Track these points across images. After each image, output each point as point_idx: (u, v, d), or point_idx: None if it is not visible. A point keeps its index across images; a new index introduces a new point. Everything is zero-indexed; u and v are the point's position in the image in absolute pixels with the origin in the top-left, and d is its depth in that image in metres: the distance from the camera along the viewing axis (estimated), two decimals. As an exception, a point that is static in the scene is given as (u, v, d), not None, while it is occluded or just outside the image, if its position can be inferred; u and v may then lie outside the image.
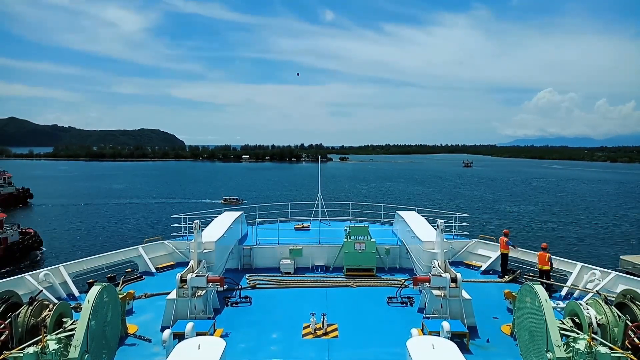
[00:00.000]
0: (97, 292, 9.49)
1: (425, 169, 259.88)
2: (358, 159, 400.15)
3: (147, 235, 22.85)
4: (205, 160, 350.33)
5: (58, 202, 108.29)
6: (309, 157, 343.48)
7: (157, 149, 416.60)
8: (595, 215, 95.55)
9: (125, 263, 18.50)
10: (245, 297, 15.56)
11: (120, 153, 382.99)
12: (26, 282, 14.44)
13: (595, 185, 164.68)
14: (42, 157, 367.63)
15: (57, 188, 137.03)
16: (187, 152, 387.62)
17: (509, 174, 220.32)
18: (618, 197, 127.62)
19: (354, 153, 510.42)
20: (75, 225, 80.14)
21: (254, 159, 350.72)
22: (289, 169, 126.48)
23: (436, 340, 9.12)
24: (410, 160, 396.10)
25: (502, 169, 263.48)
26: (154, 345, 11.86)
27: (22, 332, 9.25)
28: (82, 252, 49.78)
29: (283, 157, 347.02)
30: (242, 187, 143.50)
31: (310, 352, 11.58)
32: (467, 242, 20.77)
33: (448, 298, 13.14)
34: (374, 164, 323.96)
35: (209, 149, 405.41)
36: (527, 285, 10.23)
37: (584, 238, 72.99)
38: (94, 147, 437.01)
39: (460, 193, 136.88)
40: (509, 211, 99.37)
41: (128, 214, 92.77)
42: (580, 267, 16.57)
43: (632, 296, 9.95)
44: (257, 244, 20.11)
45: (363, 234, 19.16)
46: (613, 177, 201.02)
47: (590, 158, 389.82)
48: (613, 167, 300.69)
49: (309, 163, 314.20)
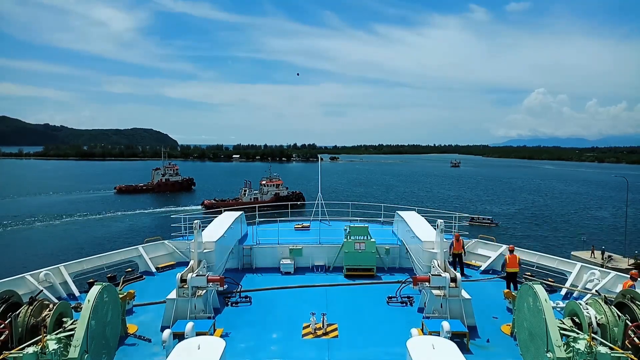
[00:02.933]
0: (97, 292, 9.46)
1: (409, 169, 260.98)
2: (348, 158, 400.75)
3: (147, 235, 22.96)
4: (196, 160, 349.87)
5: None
6: (299, 157, 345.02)
7: (148, 149, 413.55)
8: (557, 212, 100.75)
9: (126, 263, 18.46)
10: (245, 297, 15.55)
11: (110, 152, 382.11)
12: (26, 282, 14.41)
13: (569, 185, 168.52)
14: (31, 156, 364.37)
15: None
16: (177, 152, 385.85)
17: (492, 173, 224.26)
18: (587, 197, 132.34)
19: (347, 153, 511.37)
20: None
21: (244, 159, 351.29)
22: (274, 169, 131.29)
23: (436, 340, 9.11)
24: (401, 160, 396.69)
25: (488, 169, 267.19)
26: (154, 345, 11.85)
27: (22, 332, 9.19)
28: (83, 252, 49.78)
29: (274, 157, 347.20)
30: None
31: (310, 352, 11.59)
32: (466, 242, 20.70)
33: (448, 298, 13.15)
34: (362, 163, 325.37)
35: (200, 149, 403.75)
36: (526, 285, 10.23)
37: (541, 234, 77.06)
38: (84, 146, 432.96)
39: (438, 192, 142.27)
40: (482, 209, 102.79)
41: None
42: (579, 267, 16.62)
43: (632, 296, 9.91)
44: (257, 244, 20.09)
45: (363, 234, 19.17)
46: (594, 177, 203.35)
47: (579, 158, 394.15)
48: (600, 167, 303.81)
49: (299, 163, 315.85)
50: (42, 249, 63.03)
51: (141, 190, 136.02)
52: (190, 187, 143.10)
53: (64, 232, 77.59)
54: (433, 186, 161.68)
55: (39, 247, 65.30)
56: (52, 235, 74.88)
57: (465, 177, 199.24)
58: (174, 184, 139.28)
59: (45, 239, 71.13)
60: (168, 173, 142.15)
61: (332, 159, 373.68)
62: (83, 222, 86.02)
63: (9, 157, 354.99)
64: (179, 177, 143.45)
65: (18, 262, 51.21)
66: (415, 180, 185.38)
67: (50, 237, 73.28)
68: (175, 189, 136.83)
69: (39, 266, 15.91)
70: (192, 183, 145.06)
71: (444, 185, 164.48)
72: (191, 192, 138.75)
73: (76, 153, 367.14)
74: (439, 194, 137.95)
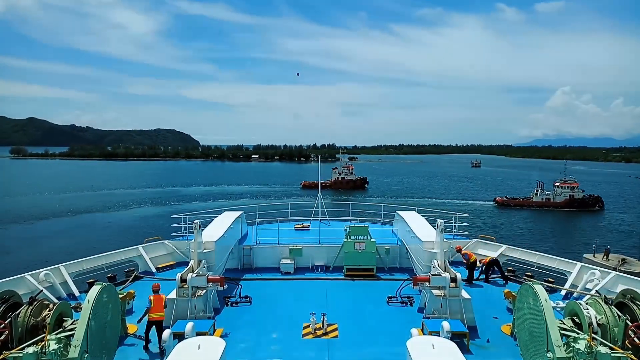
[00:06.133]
0: (97, 292, 9.48)
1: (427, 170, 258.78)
2: (367, 159, 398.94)
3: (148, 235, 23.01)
4: (216, 160, 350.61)
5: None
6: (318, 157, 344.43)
7: (170, 149, 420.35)
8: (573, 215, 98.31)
9: (126, 263, 18.50)
10: (245, 297, 15.56)
11: (133, 153, 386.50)
12: (26, 282, 14.45)
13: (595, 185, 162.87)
14: (57, 156, 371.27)
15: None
16: (197, 152, 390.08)
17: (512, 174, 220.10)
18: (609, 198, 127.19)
19: (366, 153, 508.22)
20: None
21: (263, 159, 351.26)
22: (291, 169, 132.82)
23: (436, 340, 9.12)
24: (421, 160, 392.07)
25: (510, 169, 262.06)
26: (153, 345, 11.85)
27: (22, 332, 9.22)
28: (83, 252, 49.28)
29: (292, 157, 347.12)
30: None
31: (310, 352, 11.59)
32: (466, 242, 20.83)
33: (448, 298, 13.14)
34: (379, 164, 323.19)
35: (220, 149, 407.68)
36: (526, 285, 10.18)
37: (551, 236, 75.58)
38: (108, 147, 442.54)
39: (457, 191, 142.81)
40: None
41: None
42: (579, 267, 16.58)
43: (632, 296, 9.91)
44: (257, 244, 20.13)
45: (363, 234, 19.18)
46: (612, 179, 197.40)
47: (605, 158, 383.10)
48: (626, 167, 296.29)
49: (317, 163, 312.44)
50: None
51: (322, 186, 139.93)
52: (364, 186, 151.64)
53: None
54: (450, 186, 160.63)
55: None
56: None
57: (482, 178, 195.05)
58: (349, 182, 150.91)
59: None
60: (344, 172, 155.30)
61: (350, 160, 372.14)
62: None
63: (35, 157, 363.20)
64: (353, 176, 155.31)
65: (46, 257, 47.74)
66: (425, 181, 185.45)
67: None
68: (349, 186, 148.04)
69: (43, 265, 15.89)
70: (365, 182, 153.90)
71: (463, 184, 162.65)
72: (364, 190, 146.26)
73: (100, 153, 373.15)
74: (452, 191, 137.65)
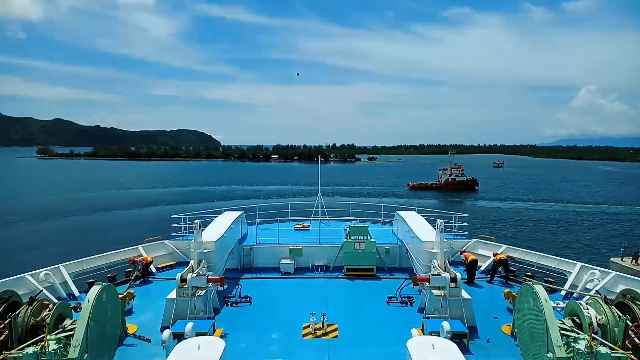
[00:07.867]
0: (97, 292, 9.46)
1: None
2: (387, 159, 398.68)
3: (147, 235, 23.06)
4: (236, 160, 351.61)
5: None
6: (337, 157, 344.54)
7: (192, 149, 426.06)
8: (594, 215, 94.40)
9: (126, 263, 18.51)
10: (245, 297, 15.58)
11: (155, 153, 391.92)
12: (26, 282, 14.51)
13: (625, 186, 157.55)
14: (82, 156, 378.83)
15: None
16: (218, 152, 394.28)
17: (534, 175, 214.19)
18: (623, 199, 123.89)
19: (386, 153, 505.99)
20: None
21: (282, 159, 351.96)
22: (308, 169, 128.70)
23: (436, 340, 9.10)
24: (442, 160, 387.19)
25: (532, 170, 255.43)
26: (153, 345, 11.91)
27: (21, 332, 9.22)
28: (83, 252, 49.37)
29: (311, 157, 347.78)
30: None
31: (310, 352, 11.59)
32: (466, 242, 20.80)
33: (448, 298, 13.11)
34: (398, 164, 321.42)
35: (240, 149, 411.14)
36: (526, 285, 10.13)
37: (580, 238, 72.00)
38: (131, 147, 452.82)
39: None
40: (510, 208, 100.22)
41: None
42: (579, 267, 16.52)
43: (632, 296, 9.89)
44: (257, 244, 20.17)
45: (363, 234, 19.19)
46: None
47: (633, 159, 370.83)
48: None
49: (337, 163, 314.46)
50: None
51: (431, 188, 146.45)
52: (474, 187, 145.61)
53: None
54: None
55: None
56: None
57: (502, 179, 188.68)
58: (459, 184, 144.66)
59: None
60: (454, 173, 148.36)
61: (370, 159, 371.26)
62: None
63: (61, 157, 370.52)
64: (464, 177, 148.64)
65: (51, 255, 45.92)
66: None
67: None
68: (460, 188, 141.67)
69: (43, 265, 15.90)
70: (475, 183, 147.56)
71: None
72: (475, 191, 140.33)
73: (123, 153, 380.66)
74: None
